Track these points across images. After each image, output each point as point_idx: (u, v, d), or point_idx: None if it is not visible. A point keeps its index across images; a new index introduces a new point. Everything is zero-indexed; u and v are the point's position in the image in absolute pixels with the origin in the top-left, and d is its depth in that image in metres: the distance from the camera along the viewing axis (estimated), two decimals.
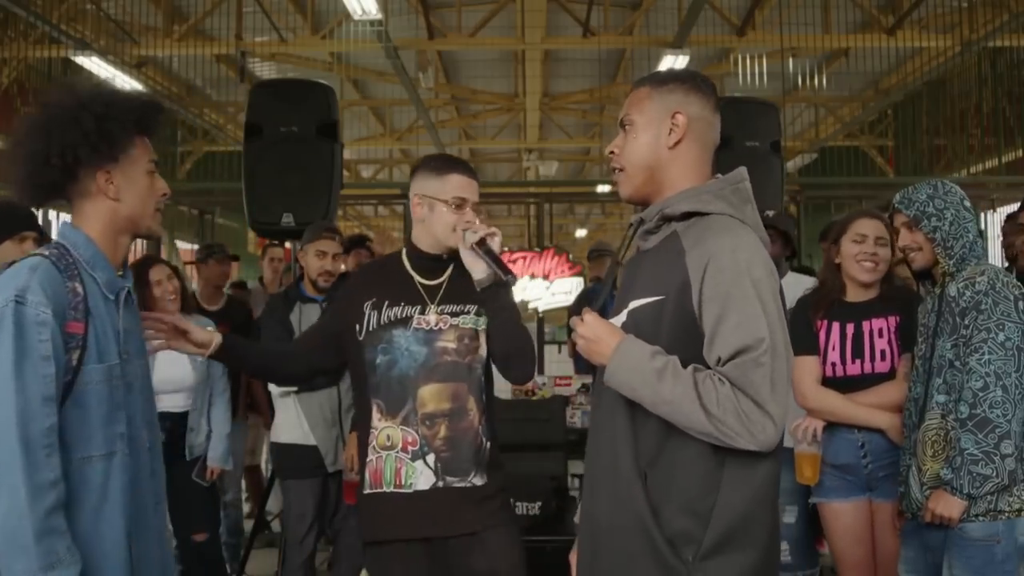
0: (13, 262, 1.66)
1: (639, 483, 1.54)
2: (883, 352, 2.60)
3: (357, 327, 2.28)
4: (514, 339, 2.28)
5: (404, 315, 2.25)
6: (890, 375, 2.59)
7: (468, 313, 2.28)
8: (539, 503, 3.59)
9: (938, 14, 8.61)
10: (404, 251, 2.38)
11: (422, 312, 2.27)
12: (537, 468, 3.79)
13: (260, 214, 4.14)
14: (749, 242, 1.54)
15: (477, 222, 2.24)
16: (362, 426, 2.30)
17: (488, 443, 2.28)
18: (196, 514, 3.47)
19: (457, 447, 2.22)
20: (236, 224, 10.10)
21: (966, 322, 2.24)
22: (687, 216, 1.60)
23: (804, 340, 2.60)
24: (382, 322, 2.26)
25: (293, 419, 3.41)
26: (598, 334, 1.57)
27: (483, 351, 2.30)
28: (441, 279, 2.31)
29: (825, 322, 2.67)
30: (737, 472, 1.50)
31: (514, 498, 3.50)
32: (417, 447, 2.21)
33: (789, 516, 2.90)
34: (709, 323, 1.49)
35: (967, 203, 2.35)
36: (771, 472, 1.54)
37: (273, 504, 4.68)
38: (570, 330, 1.72)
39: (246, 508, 5.18)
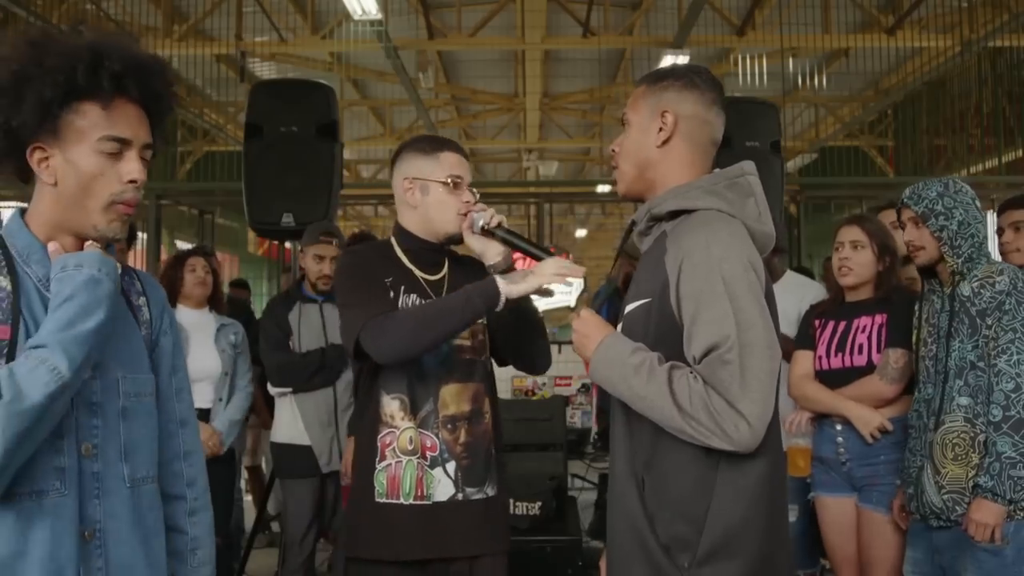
0: None
1: (633, 486, 1.53)
2: (861, 347, 2.66)
3: None
4: (536, 326, 2.09)
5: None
6: (868, 368, 2.63)
7: None
8: (539, 503, 3.58)
9: (938, 14, 8.59)
10: (394, 243, 2.11)
11: None
12: (537, 468, 3.80)
13: (260, 214, 4.15)
14: (725, 236, 1.49)
15: (480, 204, 2.04)
16: (369, 427, 2.02)
17: (495, 449, 2.08)
18: (218, 517, 3.45)
19: (475, 454, 2.01)
20: (236, 224, 10.10)
21: (988, 323, 2.20)
22: (676, 215, 1.58)
23: (803, 337, 2.83)
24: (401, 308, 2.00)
25: (290, 419, 3.43)
26: (587, 330, 1.58)
27: (488, 347, 2.12)
28: (441, 273, 2.10)
29: (821, 320, 2.78)
30: (729, 476, 1.46)
31: (514, 498, 3.51)
32: (436, 453, 1.98)
33: (790, 515, 2.92)
34: (686, 322, 1.47)
35: (977, 203, 2.33)
36: (764, 475, 1.49)
37: (273, 504, 4.68)
38: None
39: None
